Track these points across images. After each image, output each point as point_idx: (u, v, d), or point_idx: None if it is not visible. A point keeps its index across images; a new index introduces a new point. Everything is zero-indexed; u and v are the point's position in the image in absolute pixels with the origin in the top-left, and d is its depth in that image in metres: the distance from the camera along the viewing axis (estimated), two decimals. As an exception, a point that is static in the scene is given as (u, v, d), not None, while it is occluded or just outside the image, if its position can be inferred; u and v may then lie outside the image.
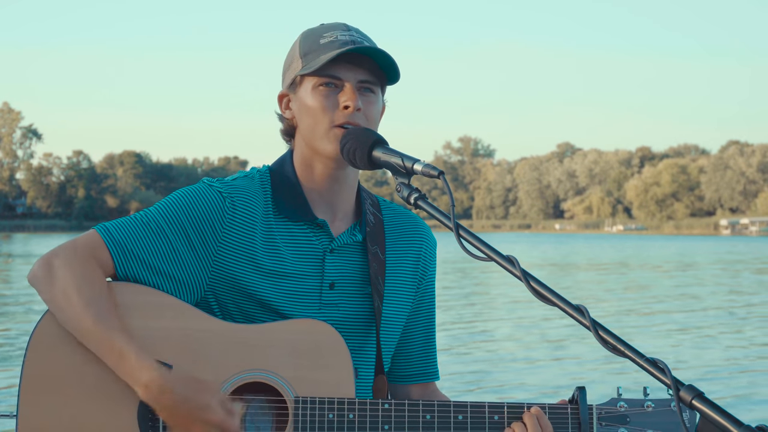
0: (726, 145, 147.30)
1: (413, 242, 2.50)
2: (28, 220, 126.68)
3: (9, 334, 15.24)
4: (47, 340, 2.20)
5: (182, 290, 2.28)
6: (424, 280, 2.51)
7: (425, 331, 2.53)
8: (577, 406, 2.25)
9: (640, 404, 2.26)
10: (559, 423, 2.26)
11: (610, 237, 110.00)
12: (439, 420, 2.23)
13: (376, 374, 2.40)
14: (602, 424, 2.26)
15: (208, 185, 2.34)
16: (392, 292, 2.43)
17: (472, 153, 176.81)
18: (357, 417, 2.20)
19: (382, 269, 2.40)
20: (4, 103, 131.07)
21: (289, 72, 2.36)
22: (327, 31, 2.33)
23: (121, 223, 2.29)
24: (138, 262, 2.25)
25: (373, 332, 2.39)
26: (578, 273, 34.22)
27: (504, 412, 2.25)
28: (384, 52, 2.27)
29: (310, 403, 2.20)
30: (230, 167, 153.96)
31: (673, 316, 18.66)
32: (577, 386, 2.27)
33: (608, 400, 2.29)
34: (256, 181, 2.37)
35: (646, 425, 2.26)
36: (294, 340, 2.23)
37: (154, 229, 2.27)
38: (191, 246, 2.28)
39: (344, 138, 2.23)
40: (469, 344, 14.14)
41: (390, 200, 2.58)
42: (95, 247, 2.24)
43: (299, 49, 2.34)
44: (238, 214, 2.31)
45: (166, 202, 2.32)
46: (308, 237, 2.36)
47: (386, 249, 2.44)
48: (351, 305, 2.37)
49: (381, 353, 2.39)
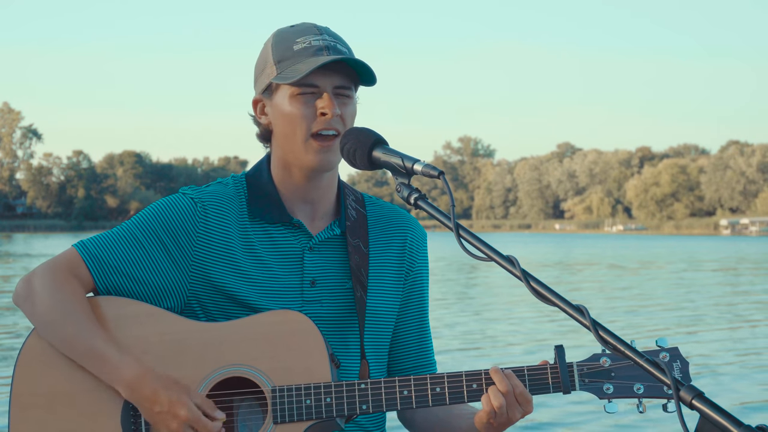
0: (726, 145, 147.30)
1: (398, 234, 2.51)
2: (28, 220, 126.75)
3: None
4: (35, 358, 2.26)
5: (163, 297, 2.33)
6: (412, 272, 2.51)
7: (418, 324, 2.53)
8: (557, 366, 2.22)
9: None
10: (540, 384, 2.22)
11: (610, 237, 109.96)
12: (417, 394, 2.22)
13: (360, 361, 2.40)
14: (585, 381, 2.21)
15: (181, 194, 2.39)
16: (377, 284, 2.44)
17: (472, 153, 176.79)
18: (334, 400, 2.22)
19: (365, 261, 2.41)
20: (4, 103, 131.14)
21: (263, 77, 2.37)
22: (299, 35, 2.33)
23: (97, 239, 2.35)
24: (116, 273, 2.31)
25: (356, 325, 2.40)
26: (585, 272, 34.22)
27: (482, 379, 2.22)
28: (360, 61, 2.29)
29: (287, 391, 2.21)
30: (230, 167, 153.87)
31: (673, 316, 18.66)
32: (555, 345, 2.24)
33: (590, 356, 2.23)
34: (230, 187, 2.41)
35: (633, 378, 2.20)
36: (266, 332, 2.25)
37: (130, 240, 2.33)
38: (167, 253, 2.32)
39: (344, 138, 2.23)
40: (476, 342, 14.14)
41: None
42: (73, 263, 2.31)
43: (272, 55, 2.34)
44: (211, 219, 2.35)
45: (140, 215, 2.38)
46: (286, 237, 2.38)
47: (369, 242, 2.45)
48: (333, 300, 2.39)
49: (363, 342, 2.39)
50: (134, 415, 2.24)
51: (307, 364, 2.24)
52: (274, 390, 2.22)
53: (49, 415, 2.24)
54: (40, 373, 2.25)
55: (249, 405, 2.27)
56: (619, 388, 2.20)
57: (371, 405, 2.22)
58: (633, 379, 2.19)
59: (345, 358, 2.38)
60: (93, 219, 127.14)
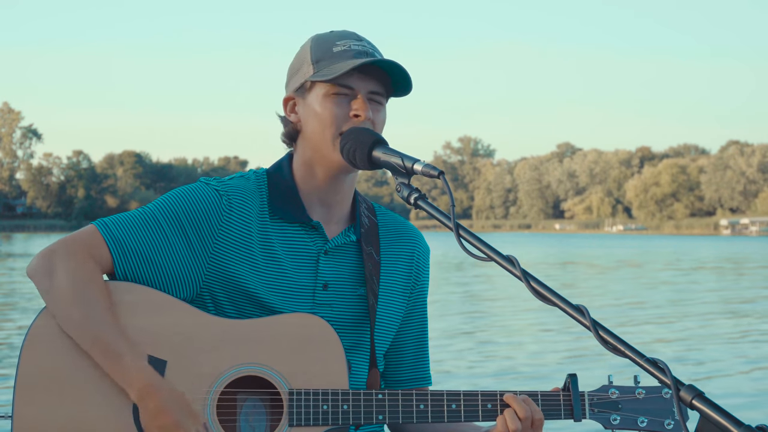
0: (726, 145, 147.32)
1: (406, 247, 2.53)
2: (28, 220, 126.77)
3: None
4: (44, 338, 2.20)
5: (178, 286, 2.30)
6: (416, 286, 2.54)
7: (417, 338, 2.55)
8: (569, 393, 2.27)
9: (632, 391, 2.28)
10: (552, 410, 2.27)
11: (610, 237, 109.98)
12: (433, 409, 2.24)
13: (369, 369, 2.41)
14: (594, 410, 2.27)
15: (205, 183, 2.37)
16: (387, 292, 2.45)
17: (471, 153, 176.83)
18: (351, 407, 2.22)
19: (377, 269, 2.42)
20: (4, 103, 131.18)
21: (298, 76, 2.37)
22: (339, 39, 2.34)
23: (119, 219, 2.31)
24: (136, 258, 2.27)
25: (366, 331, 2.41)
26: (589, 272, 34.23)
27: (497, 400, 2.26)
28: (400, 65, 2.29)
29: (304, 394, 2.21)
30: (230, 167, 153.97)
31: (673, 315, 18.67)
32: (568, 374, 2.29)
33: (599, 387, 2.30)
34: (252, 182, 2.40)
35: (637, 412, 2.28)
36: (287, 334, 2.25)
37: (152, 225, 2.30)
38: (188, 242, 2.30)
39: (344, 138, 2.23)
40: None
41: (387, 205, 2.59)
42: (94, 243, 2.26)
43: (311, 55, 2.34)
44: (234, 213, 2.33)
45: (164, 200, 2.34)
46: (303, 238, 2.38)
47: (381, 251, 2.46)
48: (344, 305, 2.39)
49: (375, 350, 2.40)
50: None
51: (325, 370, 2.24)
52: (291, 392, 2.21)
53: (57, 397, 2.18)
54: (48, 353, 2.19)
55: (253, 405, 2.25)
56: (625, 419, 2.28)
57: (387, 416, 2.23)
58: (638, 412, 2.28)
59: (353, 366, 2.38)
60: (93, 219, 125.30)
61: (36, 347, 2.19)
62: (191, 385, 2.21)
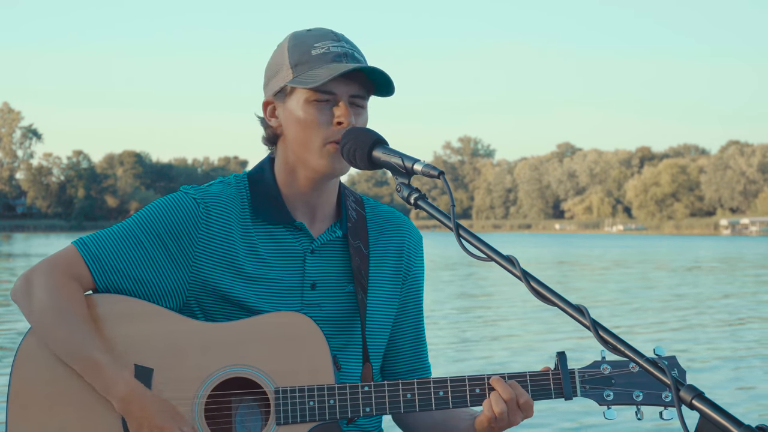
0: (726, 145, 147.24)
1: (396, 237, 2.50)
2: (28, 220, 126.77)
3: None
4: (33, 354, 2.24)
5: (163, 297, 2.31)
6: (409, 275, 2.52)
7: (414, 327, 2.54)
8: (559, 372, 2.26)
9: (625, 365, 2.24)
10: (542, 390, 2.25)
11: (610, 237, 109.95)
12: (420, 397, 2.24)
13: (363, 364, 2.40)
14: (586, 387, 2.25)
15: (183, 193, 2.36)
16: (376, 286, 2.44)
17: (471, 153, 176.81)
18: (338, 402, 2.23)
19: (366, 263, 2.41)
20: (4, 103, 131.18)
21: (277, 79, 2.34)
22: (317, 40, 2.31)
23: (98, 237, 2.33)
24: (116, 273, 2.29)
25: (357, 328, 2.40)
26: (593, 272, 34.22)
27: (485, 384, 2.25)
28: (383, 72, 2.27)
29: (290, 392, 2.22)
30: (230, 167, 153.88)
31: (674, 314, 18.66)
32: (557, 351, 2.27)
33: (591, 363, 2.27)
34: (232, 187, 2.39)
35: (632, 386, 2.24)
36: (270, 333, 2.25)
37: (131, 239, 2.31)
38: (168, 253, 2.31)
39: (344, 138, 2.23)
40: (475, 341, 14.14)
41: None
42: (73, 261, 2.28)
43: (288, 58, 2.31)
44: (213, 219, 2.33)
45: (142, 213, 2.35)
46: (287, 239, 2.37)
47: (369, 244, 2.45)
48: (333, 304, 2.39)
49: (366, 346, 2.39)
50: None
51: (310, 366, 2.24)
52: (277, 391, 2.22)
53: (49, 413, 2.22)
54: (38, 371, 2.23)
55: (248, 406, 2.26)
56: (619, 394, 2.24)
57: (374, 407, 2.23)
58: (632, 386, 2.24)
59: (345, 362, 2.38)
60: (93, 219, 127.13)
61: (26, 365, 2.24)
62: (178, 390, 2.22)
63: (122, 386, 2.19)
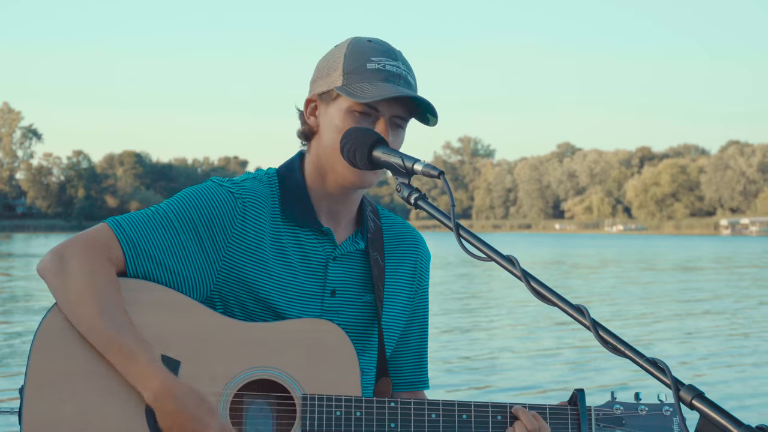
0: (726, 145, 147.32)
1: (410, 253, 2.54)
2: (28, 220, 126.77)
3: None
4: (54, 333, 2.19)
5: (190, 288, 2.29)
6: (419, 292, 2.55)
7: (418, 342, 2.56)
8: (576, 408, 2.32)
9: (635, 408, 2.34)
10: (560, 424, 2.31)
11: (610, 237, 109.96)
12: (444, 419, 2.26)
13: (378, 377, 2.42)
14: (600, 425, 2.33)
15: (219, 185, 2.34)
16: (391, 298, 2.46)
17: (471, 153, 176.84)
18: (364, 414, 2.23)
19: (382, 275, 2.43)
20: (4, 103, 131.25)
21: (326, 80, 2.33)
22: (376, 54, 2.30)
23: (132, 218, 2.28)
24: (149, 259, 2.25)
25: (372, 338, 2.42)
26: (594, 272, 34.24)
27: (507, 412, 2.29)
28: (428, 102, 2.28)
29: (317, 400, 2.22)
30: (230, 167, 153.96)
31: (673, 314, 18.68)
32: (575, 389, 2.34)
33: (605, 402, 2.36)
34: (264, 185, 2.38)
35: (640, 428, 2.34)
36: (301, 339, 2.25)
37: (166, 226, 2.28)
38: (201, 245, 2.29)
39: (344, 138, 2.23)
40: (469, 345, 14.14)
41: (387, 205, 2.59)
42: (107, 242, 2.23)
43: (343, 63, 2.30)
44: (249, 216, 2.32)
45: (177, 200, 2.32)
46: (313, 244, 2.37)
47: (385, 256, 2.47)
48: (350, 312, 2.40)
49: (384, 357, 2.41)
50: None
51: (338, 376, 2.25)
52: (305, 397, 2.22)
53: (67, 394, 2.17)
54: (58, 349, 2.18)
55: (260, 408, 2.25)
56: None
57: (400, 424, 2.24)
58: (640, 428, 2.34)
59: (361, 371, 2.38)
60: (93, 219, 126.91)
61: (47, 344, 2.19)
62: (205, 387, 2.20)
63: (156, 378, 2.14)
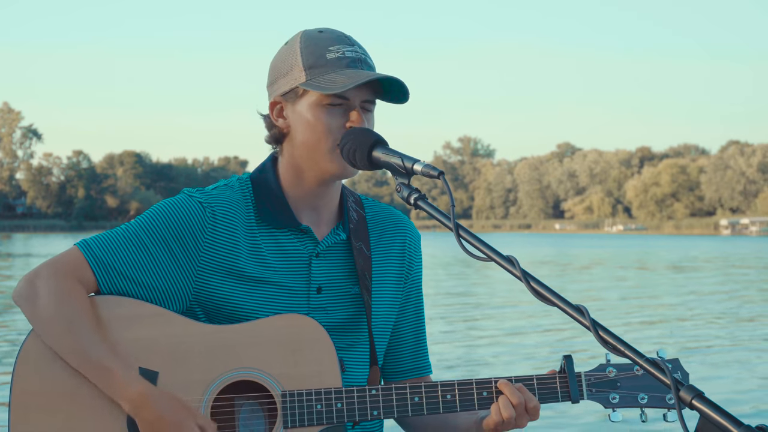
0: (726, 145, 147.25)
1: (397, 236, 2.50)
2: (28, 220, 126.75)
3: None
4: (35, 357, 2.22)
5: (167, 301, 2.29)
6: (410, 275, 2.52)
7: (415, 326, 2.54)
8: (565, 375, 2.27)
9: (630, 368, 2.28)
10: (549, 393, 2.27)
11: (610, 237, 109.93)
12: (428, 401, 2.24)
13: (370, 367, 2.40)
14: (592, 390, 2.27)
15: (188, 196, 2.34)
16: (380, 286, 2.44)
17: (471, 153, 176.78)
18: (345, 405, 2.22)
19: (368, 264, 2.41)
20: (4, 103, 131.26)
21: (286, 79, 2.31)
22: (331, 43, 2.29)
23: (102, 239, 2.30)
24: (120, 277, 2.26)
25: (363, 330, 2.40)
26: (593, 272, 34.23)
27: (492, 387, 2.26)
28: (400, 81, 2.26)
29: (297, 396, 2.21)
30: (230, 167, 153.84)
31: (673, 315, 18.67)
32: (563, 355, 2.29)
33: (596, 366, 2.29)
34: (236, 190, 2.37)
35: (637, 389, 2.27)
36: (276, 336, 2.24)
37: (136, 242, 2.28)
38: (173, 257, 2.28)
39: (344, 138, 2.23)
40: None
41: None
42: (77, 264, 2.26)
43: (302, 59, 2.29)
44: (219, 224, 2.31)
45: (146, 215, 2.33)
46: (293, 243, 2.36)
47: (371, 244, 2.45)
48: (339, 307, 2.38)
49: (374, 347, 2.39)
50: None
51: (317, 369, 2.24)
52: (284, 394, 2.22)
53: (50, 415, 2.20)
54: (40, 372, 2.21)
55: (251, 409, 2.25)
56: (624, 397, 2.27)
57: (382, 411, 2.23)
58: (637, 389, 2.27)
59: (350, 363, 2.37)
60: (93, 219, 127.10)
61: (28, 367, 2.22)
62: (184, 394, 2.21)
63: (133, 388, 2.16)
